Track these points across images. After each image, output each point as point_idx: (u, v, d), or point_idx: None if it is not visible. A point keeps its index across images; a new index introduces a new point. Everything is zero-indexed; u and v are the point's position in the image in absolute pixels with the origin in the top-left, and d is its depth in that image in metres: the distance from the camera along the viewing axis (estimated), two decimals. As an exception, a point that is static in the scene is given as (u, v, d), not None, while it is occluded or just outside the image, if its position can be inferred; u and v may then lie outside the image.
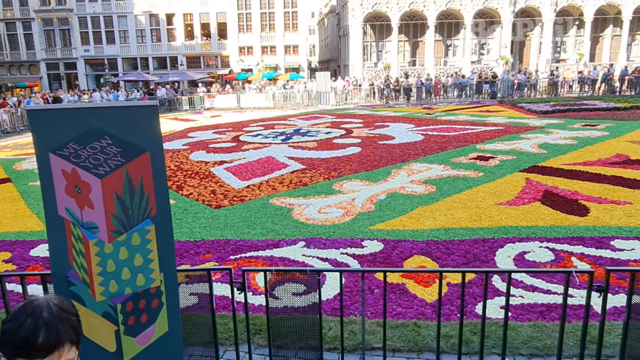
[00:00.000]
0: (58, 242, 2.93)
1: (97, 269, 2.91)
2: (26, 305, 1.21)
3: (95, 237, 2.87)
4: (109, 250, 2.88)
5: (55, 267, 2.97)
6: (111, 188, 2.80)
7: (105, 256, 2.89)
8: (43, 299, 1.23)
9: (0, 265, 5.50)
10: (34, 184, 9.55)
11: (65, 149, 2.79)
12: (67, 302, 1.28)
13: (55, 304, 1.21)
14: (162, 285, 2.95)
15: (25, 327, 1.17)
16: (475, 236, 5.71)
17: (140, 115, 2.75)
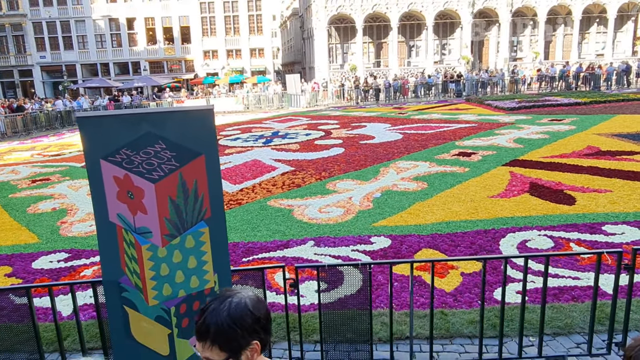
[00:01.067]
0: (109, 248, 2.94)
1: (150, 274, 2.94)
2: (224, 294, 1.32)
3: (148, 241, 2.89)
4: (163, 254, 2.91)
5: (107, 274, 2.98)
6: (165, 192, 2.84)
7: (158, 260, 2.92)
8: (241, 295, 1.35)
9: (2, 280, 5.33)
10: (14, 196, 9.22)
11: (117, 155, 2.81)
12: (248, 314, 1.33)
13: (232, 310, 1.31)
14: (216, 286, 2.99)
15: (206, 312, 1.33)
16: (476, 228, 5.98)
17: (195, 119, 2.80)
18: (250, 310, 1.32)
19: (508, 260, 5.03)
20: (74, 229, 7.01)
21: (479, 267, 4.98)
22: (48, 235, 6.78)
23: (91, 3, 38.94)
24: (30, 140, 18.66)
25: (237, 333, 1.30)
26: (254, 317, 1.32)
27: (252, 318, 1.32)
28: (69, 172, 11.28)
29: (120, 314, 3.02)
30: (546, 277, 3.24)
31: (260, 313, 1.34)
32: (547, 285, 3.40)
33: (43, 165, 12.41)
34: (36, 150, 15.77)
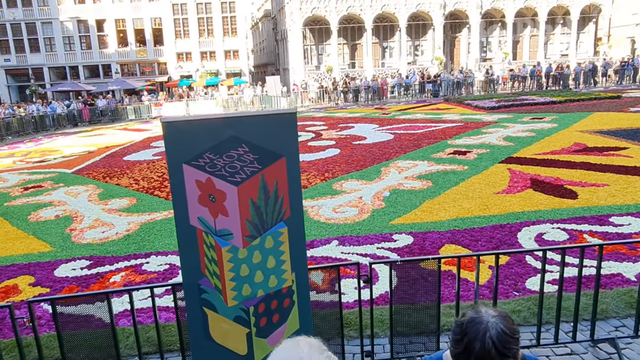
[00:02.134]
0: (189, 251, 3.00)
1: (230, 275, 3.02)
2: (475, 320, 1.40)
3: (229, 243, 2.97)
4: (243, 255, 2.99)
5: (187, 276, 3.03)
6: (247, 195, 2.92)
7: (238, 261, 2.99)
8: (490, 324, 1.38)
9: (29, 289, 5.22)
10: (10, 204, 8.96)
11: (200, 159, 2.88)
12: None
13: (501, 328, 1.37)
14: (293, 285, 3.08)
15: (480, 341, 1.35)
16: (491, 223, 6.24)
17: (278, 123, 2.89)
18: (510, 336, 1.37)
19: (530, 252, 5.34)
20: (87, 236, 6.89)
21: (504, 260, 5.22)
22: (61, 243, 6.65)
23: (58, 4, 37.80)
24: (7, 147, 18.02)
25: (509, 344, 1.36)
26: (514, 338, 1.38)
27: (514, 341, 1.38)
28: (60, 178, 11.01)
29: (199, 315, 3.07)
30: (581, 267, 3.46)
31: (515, 330, 1.40)
32: (582, 274, 3.62)
33: (30, 172, 12.06)
34: (16, 156, 15.27)
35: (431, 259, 3.22)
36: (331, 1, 37.10)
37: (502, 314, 1.44)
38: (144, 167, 11.67)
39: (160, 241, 6.47)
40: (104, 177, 10.75)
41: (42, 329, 4.15)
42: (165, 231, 6.84)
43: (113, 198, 8.85)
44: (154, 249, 6.16)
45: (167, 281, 5.21)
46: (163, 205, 8.18)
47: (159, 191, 9.13)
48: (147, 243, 6.42)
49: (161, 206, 8.12)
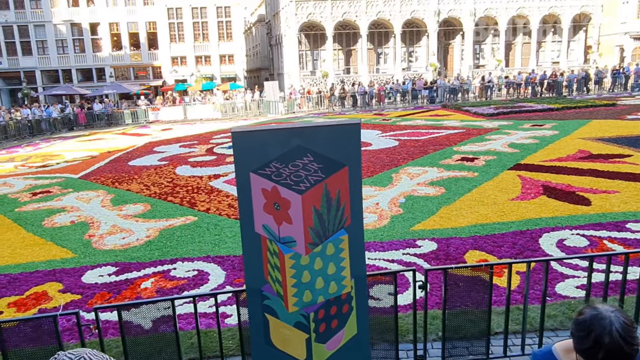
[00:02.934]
0: (253, 258, 3.06)
1: (292, 281, 3.08)
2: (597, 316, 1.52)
3: (292, 250, 3.03)
4: (305, 262, 3.05)
5: (250, 282, 3.10)
6: (310, 203, 2.99)
7: (300, 268, 3.06)
8: (607, 312, 1.52)
9: (59, 296, 5.22)
10: (21, 210, 8.90)
11: (267, 168, 2.95)
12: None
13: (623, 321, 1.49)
14: (352, 291, 3.15)
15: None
16: (511, 229, 6.36)
17: (343, 133, 2.97)
18: (632, 326, 1.49)
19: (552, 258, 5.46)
20: (107, 242, 6.89)
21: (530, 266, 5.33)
22: (82, 249, 6.64)
23: (51, 7, 37.55)
24: (5, 151, 17.83)
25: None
26: (635, 328, 1.49)
27: (635, 330, 1.49)
28: (68, 183, 10.95)
29: (261, 321, 3.13)
30: (625, 273, 3.58)
31: (632, 320, 1.52)
32: (626, 279, 3.75)
33: (35, 177, 11.97)
34: (17, 161, 15.13)
35: (483, 266, 3.31)
36: (327, 7, 37.33)
37: (617, 308, 1.57)
38: (151, 172, 11.65)
39: (183, 247, 6.49)
40: (113, 183, 10.71)
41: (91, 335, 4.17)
42: (187, 237, 6.86)
43: (127, 204, 8.83)
44: (178, 255, 6.19)
45: (199, 287, 5.25)
46: (179, 211, 8.19)
47: (172, 197, 9.14)
48: (171, 249, 6.43)
49: (177, 212, 8.13)
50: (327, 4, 37.31)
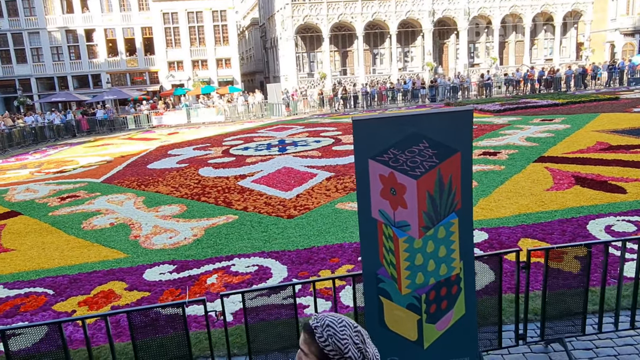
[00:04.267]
0: (370, 242, 3.16)
1: (405, 264, 3.19)
2: None
3: (406, 234, 3.14)
4: (418, 245, 3.16)
5: (367, 266, 3.20)
6: (424, 187, 3.10)
7: (414, 251, 3.17)
8: None
9: (127, 294, 5.26)
10: (54, 214, 8.88)
11: (385, 154, 3.06)
12: None
13: None
14: (461, 273, 3.26)
15: None
16: (556, 218, 6.52)
17: (456, 120, 3.08)
18: None
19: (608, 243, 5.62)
20: (155, 241, 6.93)
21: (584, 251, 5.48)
22: (132, 250, 6.67)
23: (46, 14, 37.25)
24: (14, 158, 17.70)
25: None
26: None
27: None
28: (93, 187, 10.93)
29: (376, 304, 3.23)
30: None
31: None
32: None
33: (57, 182, 11.92)
34: (29, 168, 15.03)
35: (583, 245, 3.44)
36: (323, 9, 37.49)
37: None
38: (174, 174, 11.67)
39: (234, 244, 6.55)
40: (139, 185, 10.72)
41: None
42: (234, 235, 6.92)
43: (161, 205, 8.86)
44: (233, 252, 6.25)
45: (266, 281, 5.32)
46: (217, 210, 8.25)
47: (205, 197, 9.18)
48: (222, 247, 6.49)
49: (216, 212, 8.19)
50: (323, 6, 37.48)
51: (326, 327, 1.56)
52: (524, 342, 3.55)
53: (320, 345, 1.54)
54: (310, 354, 1.57)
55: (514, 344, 3.56)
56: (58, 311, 4.98)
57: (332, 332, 1.55)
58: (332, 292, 4.91)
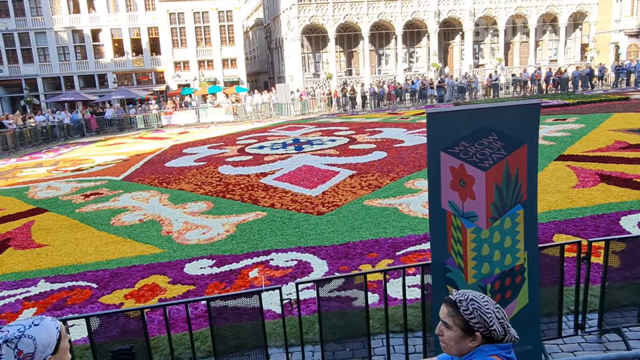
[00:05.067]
0: (439, 233, 3.24)
1: (472, 254, 3.26)
2: None
3: (473, 225, 3.21)
4: (485, 235, 3.23)
5: (435, 256, 3.27)
6: (492, 179, 3.17)
7: (480, 241, 3.24)
8: None
9: (171, 287, 5.33)
10: (82, 211, 8.95)
11: (455, 147, 3.13)
12: None
13: None
14: (525, 263, 3.33)
15: None
16: (587, 214, 6.59)
17: (524, 113, 3.16)
18: None
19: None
20: (189, 237, 7.00)
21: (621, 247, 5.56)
22: (168, 245, 6.74)
23: (52, 14, 37.34)
24: (28, 157, 17.77)
25: None
26: None
27: None
28: (114, 185, 11.01)
29: (444, 293, 3.30)
30: None
31: None
32: None
33: (78, 180, 11.99)
34: (45, 166, 15.10)
35: None
36: (329, 9, 37.61)
37: None
38: (194, 172, 11.74)
39: (268, 240, 6.62)
40: (161, 183, 10.79)
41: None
42: (267, 231, 6.99)
43: (187, 202, 8.93)
44: (270, 247, 6.32)
45: (308, 275, 5.39)
46: (244, 207, 8.32)
47: (229, 194, 9.25)
48: (257, 242, 6.56)
49: (243, 208, 8.26)
50: (329, 7, 37.60)
51: (470, 300, 1.64)
52: (582, 332, 3.62)
53: (466, 317, 1.62)
54: (454, 326, 1.64)
55: (572, 333, 3.63)
56: (106, 303, 5.05)
57: (476, 305, 1.62)
58: (375, 285, 5.01)
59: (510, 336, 1.63)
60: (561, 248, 3.51)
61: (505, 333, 1.62)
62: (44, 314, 4.63)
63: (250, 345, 3.10)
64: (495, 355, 1.60)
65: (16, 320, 1.51)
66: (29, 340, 1.43)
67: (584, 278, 3.65)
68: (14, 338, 1.42)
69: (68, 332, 1.52)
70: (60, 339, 1.50)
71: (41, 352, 1.44)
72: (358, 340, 3.28)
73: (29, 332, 1.44)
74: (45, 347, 1.45)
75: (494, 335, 1.62)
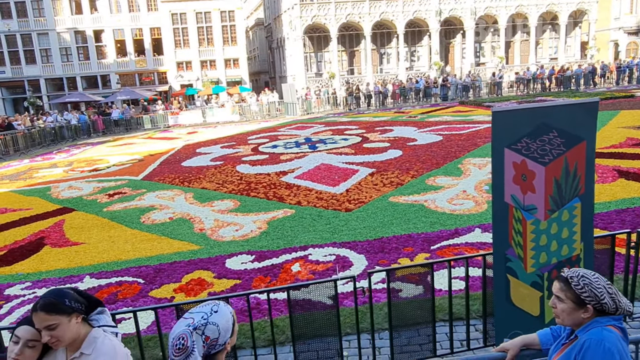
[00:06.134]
0: (501, 224, 3.43)
1: (531, 244, 3.45)
2: None
3: (533, 217, 3.40)
4: (544, 226, 3.43)
5: (497, 247, 3.46)
6: (552, 174, 3.37)
7: (539, 232, 3.43)
8: None
9: (217, 282, 5.50)
10: (109, 210, 9.11)
11: (518, 143, 3.31)
12: None
13: None
14: (581, 254, 3.52)
15: None
16: (612, 208, 6.80)
17: (583, 110, 3.34)
18: None
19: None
20: (223, 233, 7.17)
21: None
22: (204, 242, 6.91)
23: (55, 15, 37.38)
24: (40, 158, 17.87)
25: None
26: None
27: None
28: (135, 185, 11.16)
29: (504, 281, 3.49)
30: None
31: None
32: None
33: (98, 180, 12.13)
34: (60, 167, 15.22)
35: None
36: (331, 9, 37.74)
37: None
38: (212, 171, 11.90)
39: (302, 236, 6.80)
40: (182, 182, 10.95)
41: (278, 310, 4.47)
42: (299, 227, 7.17)
43: (214, 200, 9.10)
44: (305, 243, 6.50)
45: (349, 269, 5.57)
46: (271, 205, 8.49)
47: (254, 192, 9.42)
48: (292, 238, 6.74)
49: (270, 206, 8.43)
50: (331, 6, 37.74)
51: (581, 277, 1.83)
52: (630, 319, 3.81)
53: (577, 291, 1.81)
54: (567, 299, 1.84)
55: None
56: (157, 297, 5.22)
57: (587, 281, 1.81)
58: (418, 277, 5.20)
59: (622, 309, 1.82)
60: (612, 238, 3.70)
61: (617, 307, 1.81)
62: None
63: (325, 333, 3.27)
64: (610, 325, 1.79)
65: (196, 308, 1.66)
66: (213, 326, 1.59)
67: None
68: (200, 325, 1.58)
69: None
70: (234, 322, 1.68)
71: (223, 336, 1.62)
72: (422, 328, 3.47)
73: (211, 319, 1.60)
74: (225, 331, 1.62)
75: (605, 308, 1.80)
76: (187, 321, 1.59)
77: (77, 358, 1.90)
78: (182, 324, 1.59)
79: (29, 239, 7.77)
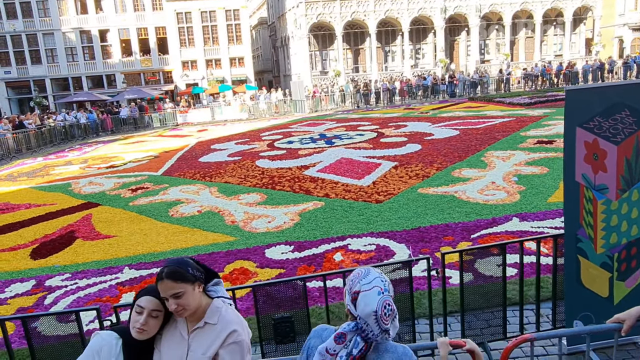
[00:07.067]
0: (572, 204, 3.42)
1: (602, 225, 3.44)
2: None
3: (604, 196, 3.39)
4: (614, 207, 3.41)
5: (568, 227, 3.45)
6: (623, 153, 3.35)
7: (610, 213, 3.42)
8: None
9: (260, 271, 5.49)
10: (135, 204, 9.10)
11: (590, 122, 3.30)
12: None
13: None
14: (651, 233, 3.49)
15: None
16: (647, 197, 6.76)
17: (654, 90, 3.30)
18: None
19: None
20: (255, 225, 7.17)
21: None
22: (239, 233, 6.90)
23: (60, 15, 37.37)
24: (53, 156, 17.86)
25: None
26: None
27: None
28: (156, 180, 11.15)
29: (574, 263, 3.47)
30: None
31: None
32: None
33: (117, 176, 12.12)
34: (74, 164, 15.21)
35: None
36: (336, 7, 37.72)
37: None
38: (232, 166, 11.89)
39: (337, 227, 6.79)
40: (203, 177, 10.94)
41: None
42: (332, 219, 7.15)
43: (240, 194, 9.09)
44: (342, 233, 6.48)
45: (393, 257, 5.56)
46: (299, 197, 8.48)
47: (279, 186, 9.41)
48: (328, 229, 6.73)
49: (298, 199, 8.42)
50: (337, 4, 37.71)
51: None
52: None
53: None
54: None
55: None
56: (203, 287, 5.20)
57: None
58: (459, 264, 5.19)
59: None
60: (681, 218, 3.67)
61: None
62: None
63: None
64: None
65: (359, 278, 1.64)
66: (391, 286, 1.71)
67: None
68: (389, 289, 1.66)
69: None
70: None
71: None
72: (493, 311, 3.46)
73: (387, 281, 1.71)
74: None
75: None
76: (375, 290, 1.59)
77: (201, 328, 1.88)
78: (372, 295, 1.58)
79: (59, 232, 7.77)
